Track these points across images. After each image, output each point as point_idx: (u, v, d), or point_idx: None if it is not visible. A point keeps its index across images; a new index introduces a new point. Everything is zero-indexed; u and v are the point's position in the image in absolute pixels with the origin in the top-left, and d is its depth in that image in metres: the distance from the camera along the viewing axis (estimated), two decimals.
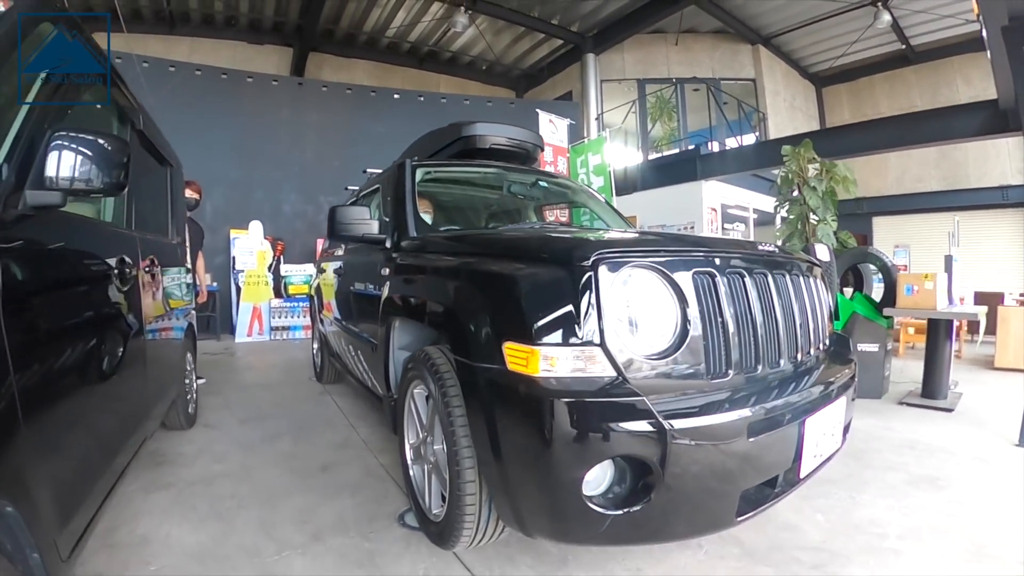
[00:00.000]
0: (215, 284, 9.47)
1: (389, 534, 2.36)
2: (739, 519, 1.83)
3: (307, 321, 8.53)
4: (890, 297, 5.05)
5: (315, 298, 5.57)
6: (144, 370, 2.48)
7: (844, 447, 2.40)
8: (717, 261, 1.91)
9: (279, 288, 10.03)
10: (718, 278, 1.86)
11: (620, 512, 1.67)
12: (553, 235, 2.63)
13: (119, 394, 2.14)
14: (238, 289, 9.65)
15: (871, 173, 14.03)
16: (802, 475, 2.00)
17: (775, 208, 6.27)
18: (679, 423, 1.62)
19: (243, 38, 13.23)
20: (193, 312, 4.30)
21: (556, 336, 1.68)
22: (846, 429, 2.38)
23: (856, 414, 4.19)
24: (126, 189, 1.68)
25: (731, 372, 1.84)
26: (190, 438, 3.76)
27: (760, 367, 1.94)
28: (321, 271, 5.34)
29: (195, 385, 4.27)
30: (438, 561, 2.15)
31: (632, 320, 1.73)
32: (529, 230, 3.37)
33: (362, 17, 13.18)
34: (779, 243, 2.69)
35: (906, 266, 12.30)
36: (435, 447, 2.22)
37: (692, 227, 10.64)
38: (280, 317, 9.65)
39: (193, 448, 3.55)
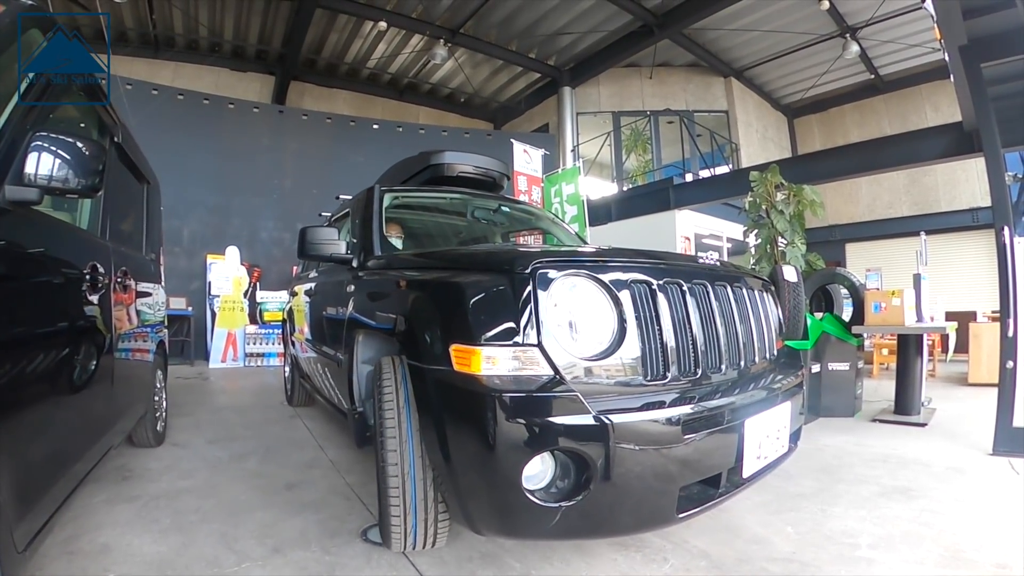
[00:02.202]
0: (190, 309, 9.39)
1: (351, 548, 2.33)
2: (681, 515, 1.92)
3: (282, 348, 8.50)
4: (859, 316, 5.12)
5: (287, 322, 5.63)
6: (111, 380, 2.47)
7: (797, 456, 2.55)
8: (654, 272, 2.02)
9: (254, 315, 9.98)
10: (655, 287, 1.97)
11: (559, 505, 1.75)
12: (501, 249, 2.81)
13: (84, 400, 2.15)
14: (213, 314, 9.60)
15: (843, 201, 14.31)
16: (746, 475, 2.09)
17: (744, 233, 6.33)
18: (613, 419, 1.72)
19: (226, 65, 13.32)
20: (165, 330, 4.26)
21: (497, 338, 1.79)
22: (795, 436, 2.50)
23: (828, 432, 4.32)
24: (101, 194, 1.70)
25: (669, 375, 1.93)
26: (158, 455, 3.74)
27: (700, 371, 2.02)
28: (293, 295, 5.38)
29: (164, 404, 4.21)
30: (398, 574, 2.12)
31: (569, 324, 1.84)
32: (483, 246, 3.58)
33: (344, 48, 13.34)
34: (728, 262, 2.81)
35: (878, 289, 12.46)
36: None
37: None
38: (255, 344, 9.58)
39: (160, 465, 3.53)
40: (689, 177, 12.82)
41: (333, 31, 12.60)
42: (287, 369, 5.87)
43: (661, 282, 2.00)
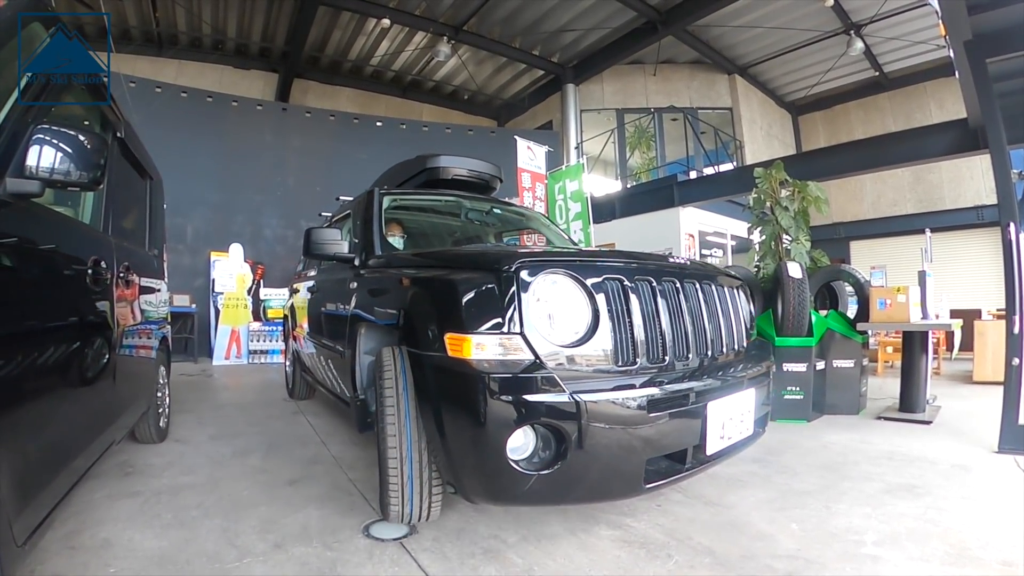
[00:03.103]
0: (194, 306, 9.41)
1: (352, 544, 2.33)
2: (648, 487, 2.18)
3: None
4: (864, 313, 5.09)
5: (288, 317, 5.83)
6: (113, 375, 2.47)
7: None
8: (626, 271, 2.27)
9: (258, 312, 9.98)
10: (627, 284, 2.22)
11: (539, 473, 2.00)
12: (489, 249, 3.17)
13: (85, 395, 2.15)
14: (217, 312, 9.61)
15: (847, 199, 14.27)
16: (709, 453, 2.34)
17: (749, 230, 6.30)
18: (586, 398, 1.97)
19: (229, 62, 13.33)
20: (168, 326, 4.26)
21: (485, 327, 2.04)
22: (761, 421, 2.78)
23: (833, 429, 4.33)
24: (103, 189, 1.69)
25: (639, 362, 2.17)
26: (160, 451, 3.74)
27: (667, 359, 2.26)
28: (294, 292, 5.57)
29: (167, 400, 4.22)
30: (400, 570, 2.11)
31: (548, 316, 2.09)
32: (475, 247, 4.00)
33: (347, 45, 13.34)
34: (700, 261, 3.01)
35: (883, 286, 12.41)
36: None
37: (670, 252, 10.67)
38: (258, 341, 9.61)
39: (162, 460, 3.53)
40: (693, 174, 12.77)
41: (336, 28, 12.60)
42: (287, 363, 6.05)
43: (632, 279, 2.25)
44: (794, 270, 4.88)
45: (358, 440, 3.97)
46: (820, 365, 4.96)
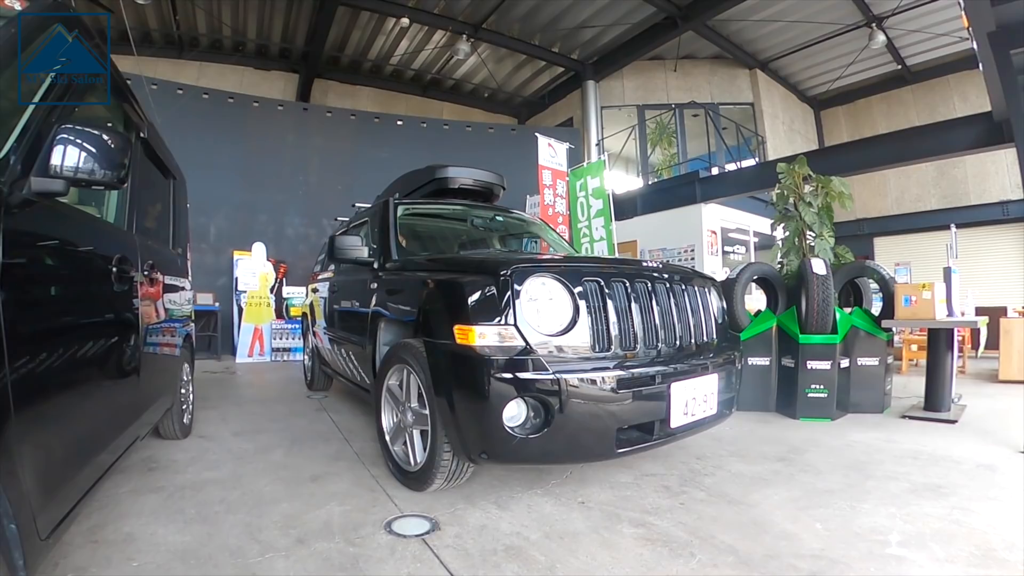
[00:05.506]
0: (217, 304, 9.52)
1: (374, 540, 2.34)
2: (619, 451, 2.63)
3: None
4: (889, 310, 5.01)
5: (308, 314, 6.18)
6: (137, 372, 2.50)
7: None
8: (604, 273, 2.73)
9: (281, 310, 10.05)
10: (603, 284, 2.67)
11: (529, 437, 2.44)
12: (490, 256, 3.73)
13: (110, 391, 2.18)
14: (240, 310, 9.69)
15: (871, 194, 14.04)
16: (673, 426, 2.76)
17: (772, 227, 6.24)
18: (567, 377, 2.42)
19: (250, 63, 13.40)
20: (192, 324, 4.32)
21: (486, 319, 2.50)
22: (727, 403, 3.17)
23: (857, 428, 4.32)
24: (127, 188, 1.70)
25: (612, 348, 2.62)
26: (184, 447, 3.79)
27: (637, 346, 2.71)
28: (314, 291, 5.83)
29: (191, 396, 4.27)
30: (422, 566, 2.12)
31: (537, 311, 2.53)
32: (478, 253, 4.40)
33: (367, 45, 13.36)
34: (673, 264, 3.35)
35: (908, 283, 12.20)
36: (412, 404, 2.97)
37: (692, 250, 10.63)
38: (281, 338, 9.67)
39: (186, 456, 3.57)
40: (715, 171, 12.65)
41: (356, 28, 12.61)
42: (307, 358, 6.42)
43: (609, 281, 2.69)
44: (818, 266, 4.82)
45: (377, 438, 3.99)
46: (844, 363, 4.91)
